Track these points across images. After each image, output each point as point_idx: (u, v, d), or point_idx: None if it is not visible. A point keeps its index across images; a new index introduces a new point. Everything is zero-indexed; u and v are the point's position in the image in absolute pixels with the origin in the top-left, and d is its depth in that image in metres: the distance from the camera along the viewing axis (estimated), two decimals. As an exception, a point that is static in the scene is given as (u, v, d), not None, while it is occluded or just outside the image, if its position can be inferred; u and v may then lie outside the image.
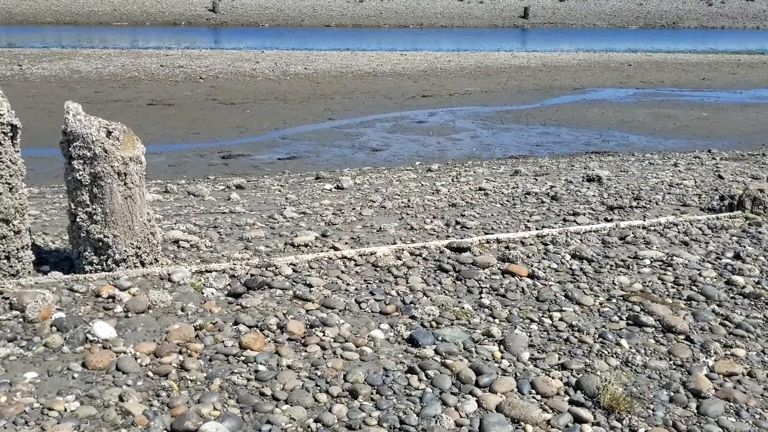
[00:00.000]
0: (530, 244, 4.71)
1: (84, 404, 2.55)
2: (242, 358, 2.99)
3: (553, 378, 2.92)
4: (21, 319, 3.16)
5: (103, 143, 3.67)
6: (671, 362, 3.10)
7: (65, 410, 2.50)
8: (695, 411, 2.70)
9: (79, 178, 3.68)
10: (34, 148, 8.50)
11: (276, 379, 2.83)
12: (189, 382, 2.77)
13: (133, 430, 2.40)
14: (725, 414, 2.68)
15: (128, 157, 3.77)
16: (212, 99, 14.33)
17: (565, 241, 4.78)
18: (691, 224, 5.30)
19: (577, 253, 4.48)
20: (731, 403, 2.76)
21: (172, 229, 4.98)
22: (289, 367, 2.94)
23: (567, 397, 2.78)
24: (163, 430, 2.42)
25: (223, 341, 3.13)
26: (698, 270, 4.27)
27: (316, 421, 2.54)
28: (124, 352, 2.95)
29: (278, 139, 11.13)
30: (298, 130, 11.88)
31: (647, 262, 4.42)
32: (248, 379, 2.82)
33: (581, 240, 4.85)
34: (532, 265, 4.27)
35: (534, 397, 2.78)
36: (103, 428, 2.40)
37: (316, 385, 2.81)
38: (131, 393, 2.63)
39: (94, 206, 3.73)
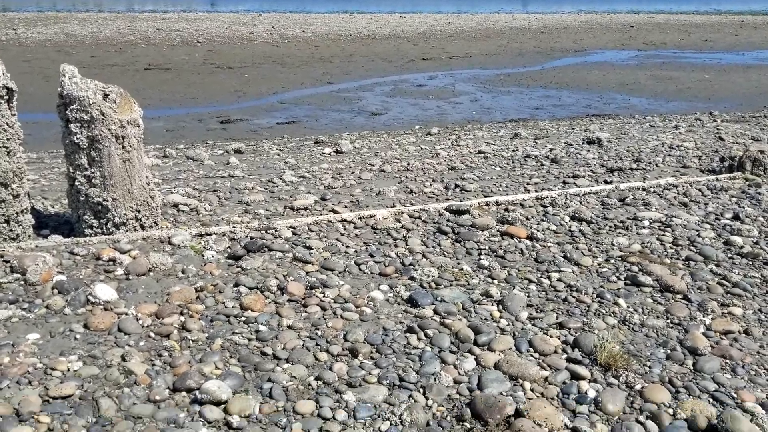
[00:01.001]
0: (529, 207, 4.72)
1: (87, 364, 2.57)
2: (243, 318, 3.02)
3: (551, 336, 2.94)
4: (22, 282, 3.18)
5: (100, 106, 3.65)
6: (668, 321, 3.12)
7: (68, 370, 2.52)
8: (691, 368, 2.73)
9: (76, 141, 3.67)
10: (31, 113, 8.45)
11: (277, 339, 2.85)
12: (191, 342, 2.80)
13: (136, 389, 2.43)
14: (721, 371, 2.71)
15: (126, 120, 3.74)
16: (209, 63, 14.20)
17: (565, 203, 4.78)
18: (691, 186, 5.30)
19: (577, 215, 4.49)
20: (727, 360, 2.78)
21: (172, 193, 4.97)
22: (289, 327, 2.96)
23: (565, 355, 2.80)
24: (166, 388, 2.45)
25: (223, 302, 3.15)
26: (697, 231, 4.28)
27: (317, 379, 2.57)
28: (126, 314, 2.97)
29: (277, 104, 11.06)
30: (297, 95, 11.80)
31: (646, 223, 4.42)
32: (249, 339, 2.84)
33: (581, 202, 4.85)
34: (531, 227, 4.27)
35: (532, 355, 2.81)
36: (106, 387, 2.43)
37: (317, 344, 2.83)
38: (133, 353, 2.65)
39: (92, 170, 3.72)
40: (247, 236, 3.98)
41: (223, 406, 2.35)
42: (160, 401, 2.37)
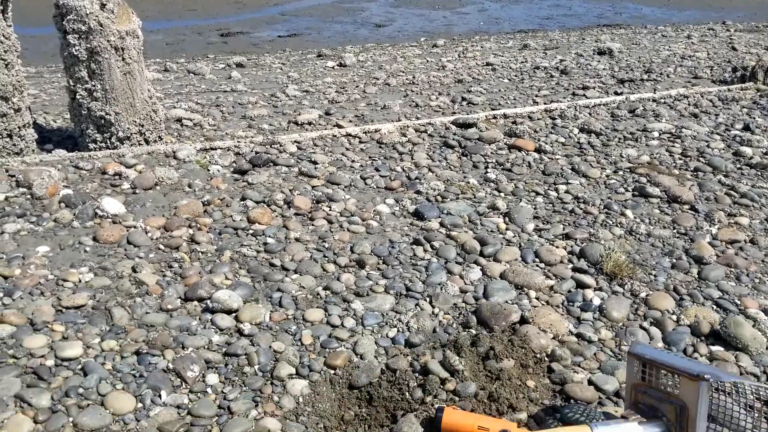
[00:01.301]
0: (538, 119, 4.65)
1: (98, 275, 2.60)
2: (251, 231, 3.03)
3: (557, 247, 2.95)
4: (29, 196, 3.18)
5: (97, 16, 3.54)
6: (675, 231, 3.13)
7: (79, 281, 2.56)
8: (696, 276, 2.75)
9: (75, 53, 3.58)
10: (28, 27, 8.25)
11: (285, 251, 2.87)
12: (200, 254, 2.82)
13: (148, 299, 2.47)
14: (725, 279, 2.73)
15: (124, 30, 3.64)
16: (207, -27, 13.73)
17: (574, 115, 4.71)
18: (702, 96, 5.20)
19: (586, 127, 4.42)
20: (732, 269, 2.80)
21: (174, 107, 4.91)
22: (297, 239, 2.98)
23: (570, 265, 2.82)
24: (177, 298, 2.48)
25: (231, 216, 3.16)
26: (706, 142, 4.22)
27: (325, 289, 2.60)
28: (134, 227, 2.99)
29: (277, 16, 10.76)
30: (298, 6, 11.46)
31: (656, 134, 4.37)
32: (258, 251, 2.87)
33: (590, 114, 4.77)
34: (539, 140, 4.22)
35: (538, 266, 2.82)
36: (118, 297, 2.47)
37: (324, 256, 2.85)
38: (144, 264, 2.68)
39: (93, 83, 3.65)
40: (252, 151, 3.95)
41: (234, 314, 2.39)
42: (173, 310, 2.41)
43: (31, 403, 1.93)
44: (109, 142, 3.79)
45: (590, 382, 2.12)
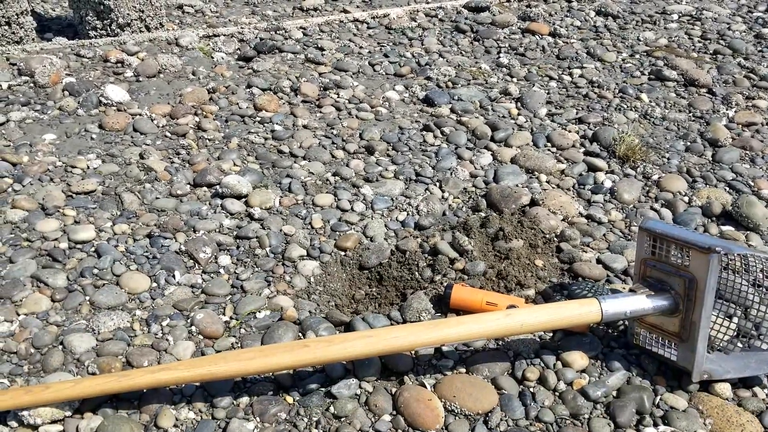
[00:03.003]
0: (553, 2, 4.46)
1: (106, 162, 2.59)
2: (258, 119, 2.99)
3: (569, 131, 2.90)
4: (32, 85, 3.12)
5: None
6: (690, 114, 3.05)
7: (88, 168, 2.55)
8: (710, 159, 2.71)
9: (67, -67, 3.42)
10: None
11: (293, 138, 2.84)
12: (207, 141, 2.79)
13: (157, 185, 2.47)
14: (740, 161, 2.69)
15: None
16: None
17: (590, -2, 4.51)
18: (727, -23, 4.95)
19: (603, 10, 4.24)
20: (747, 151, 2.75)
21: (175, -6, 4.73)
22: (305, 126, 2.94)
23: (582, 149, 2.78)
24: (186, 183, 2.48)
25: (237, 103, 3.10)
26: (728, 24, 4.06)
27: (335, 174, 2.59)
28: (140, 114, 2.94)
29: None
30: None
31: (675, 17, 4.19)
32: (265, 138, 2.83)
33: (607, -4, 4.57)
34: (554, 23, 4.07)
35: (549, 150, 2.78)
36: (128, 183, 2.46)
37: (333, 143, 2.82)
38: (151, 151, 2.66)
39: (88, -34, 3.51)
40: (256, 37, 3.83)
41: (244, 199, 2.40)
42: (182, 195, 2.42)
43: (47, 283, 1.97)
44: (109, 29, 3.68)
45: (599, 261, 2.13)
